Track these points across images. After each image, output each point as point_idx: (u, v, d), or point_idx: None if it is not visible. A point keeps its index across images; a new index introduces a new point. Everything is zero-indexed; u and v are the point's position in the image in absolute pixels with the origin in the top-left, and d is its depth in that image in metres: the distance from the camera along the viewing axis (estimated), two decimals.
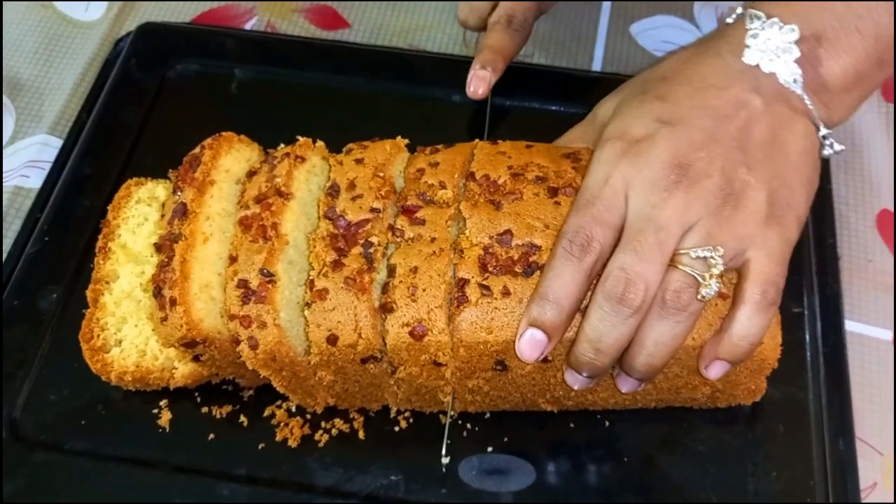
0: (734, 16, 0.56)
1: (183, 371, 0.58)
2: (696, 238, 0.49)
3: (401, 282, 0.52)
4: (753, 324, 0.50)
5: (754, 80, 0.53)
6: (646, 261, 0.48)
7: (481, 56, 0.68)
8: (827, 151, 0.55)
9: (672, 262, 0.49)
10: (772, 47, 0.53)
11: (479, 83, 0.67)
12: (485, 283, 0.52)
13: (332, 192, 0.56)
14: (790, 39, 0.53)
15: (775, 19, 0.53)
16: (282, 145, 0.61)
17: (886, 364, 0.64)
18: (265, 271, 0.53)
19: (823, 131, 0.54)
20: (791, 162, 0.52)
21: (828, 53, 0.53)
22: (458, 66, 0.75)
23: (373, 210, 0.55)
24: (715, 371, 0.52)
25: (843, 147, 0.55)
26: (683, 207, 0.49)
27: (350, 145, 0.59)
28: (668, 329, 0.49)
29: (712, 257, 0.49)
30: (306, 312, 0.52)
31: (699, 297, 0.49)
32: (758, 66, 0.53)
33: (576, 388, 0.53)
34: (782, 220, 0.51)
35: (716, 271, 0.49)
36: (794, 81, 0.53)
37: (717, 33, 0.56)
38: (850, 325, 0.65)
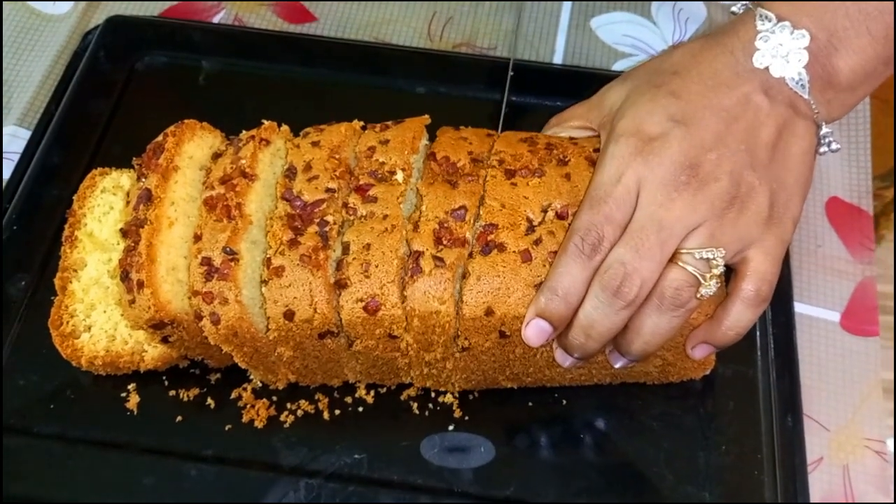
0: (741, 6, 0.56)
1: (152, 354, 0.60)
2: (700, 239, 0.51)
3: (354, 258, 0.53)
4: (744, 317, 0.53)
5: (763, 81, 0.53)
6: (645, 258, 0.50)
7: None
8: (823, 150, 0.56)
9: (674, 260, 0.51)
10: (782, 52, 0.53)
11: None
12: (439, 255, 0.53)
13: (290, 174, 0.57)
14: (800, 45, 0.53)
15: (786, 23, 0.53)
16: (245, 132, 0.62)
17: (834, 344, 0.66)
18: (228, 249, 0.54)
19: (824, 130, 0.55)
20: (791, 164, 0.53)
21: (837, 55, 0.53)
22: (422, 59, 0.77)
23: (328, 190, 0.56)
24: (700, 352, 0.56)
25: (839, 146, 0.56)
26: (690, 209, 0.50)
27: (307, 129, 0.60)
28: (665, 321, 0.52)
29: (714, 259, 0.50)
30: (263, 289, 0.54)
31: (698, 295, 0.51)
32: (767, 68, 0.53)
33: (565, 365, 0.55)
34: (780, 222, 0.52)
35: (716, 272, 0.51)
36: (802, 87, 0.53)
37: (728, 28, 0.56)
38: (799, 307, 0.67)
